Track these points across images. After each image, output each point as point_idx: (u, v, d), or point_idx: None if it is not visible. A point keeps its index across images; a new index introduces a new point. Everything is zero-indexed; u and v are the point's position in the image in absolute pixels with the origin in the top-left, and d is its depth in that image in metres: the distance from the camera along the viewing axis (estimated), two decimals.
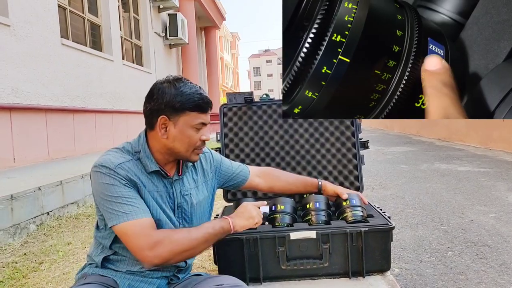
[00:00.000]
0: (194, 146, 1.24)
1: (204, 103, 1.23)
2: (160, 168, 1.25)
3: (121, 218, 1.11)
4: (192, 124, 1.21)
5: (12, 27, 4.69)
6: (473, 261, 2.43)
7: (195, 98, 1.21)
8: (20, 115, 4.73)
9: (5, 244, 2.74)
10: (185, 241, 1.14)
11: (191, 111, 1.20)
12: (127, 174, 1.17)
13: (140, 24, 9.63)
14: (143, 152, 1.24)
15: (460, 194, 4.17)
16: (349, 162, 2.08)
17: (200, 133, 1.23)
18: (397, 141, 10.30)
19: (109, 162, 1.17)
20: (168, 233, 1.15)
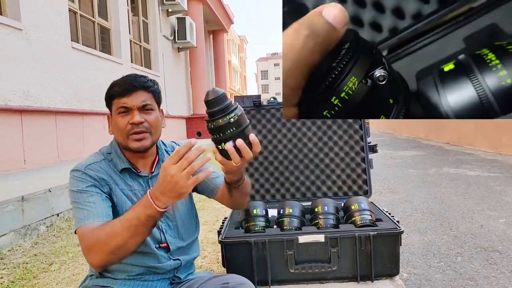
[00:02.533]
0: (125, 131, 1.18)
1: (122, 87, 1.19)
2: (131, 166, 1.24)
3: (77, 224, 1.11)
4: (116, 110, 1.20)
5: (24, 31, 4.76)
6: (483, 266, 2.41)
7: (114, 85, 1.22)
8: (30, 117, 4.79)
9: (16, 245, 2.77)
10: (111, 241, 1.01)
11: (113, 99, 1.21)
12: (97, 173, 1.19)
13: (149, 27, 9.71)
14: (114, 153, 1.26)
15: (469, 199, 4.13)
16: (358, 166, 2.08)
17: (128, 117, 1.18)
18: (406, 145, 10.23)
19: (80, 165, 1.20)
20: (96, 234, 1.04)
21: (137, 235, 1.02)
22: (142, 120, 1.18)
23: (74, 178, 1.18)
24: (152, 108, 1.23)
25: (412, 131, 13.42)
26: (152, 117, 1.22)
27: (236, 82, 45.23)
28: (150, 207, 0.99)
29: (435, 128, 11.19)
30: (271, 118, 2.13)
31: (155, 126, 1.22)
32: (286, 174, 2.10)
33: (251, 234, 1.58)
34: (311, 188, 2.09)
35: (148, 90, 1.22)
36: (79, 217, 1.12)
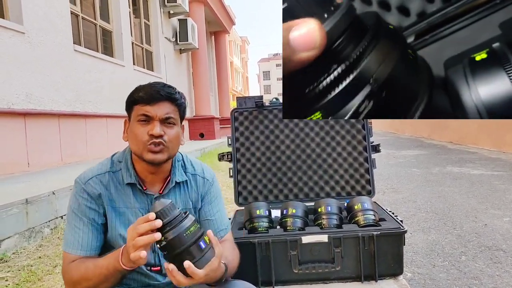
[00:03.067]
0: (142, 141, 1.10)
1: (148, 94, 1.11)
2: (138, 182, 1.17)
3: (64, 245, 1.14)
4: (136, 117, 1.12)
5: (27, 34, 4.78)
6: (487, 265, 2.40)
7: (140, 90, 1.14)
8: (33, 120, 4.81)
9: (21, 247, 2.78)
10: (83, 282, 1.05)
11: (136, 104, 1.13)
12: (94, 190, 1.14)
13: (151, 29, 9.73)
14: (124, 163, 1.19)
15: (473, 197, 4.11)
16: (361, 166, 2.08)
17: (148, 127, 1.11)
18: (409, 144, 10.21)
19: (83, 178, 1.17)
20: (72, 271, 1.08)
21: (106, 282, 1.04)
22: (162, 133, 1.11)
23: (74, 193, 1.16)
24: (174, 122, 1.15)
25: (415, 130, 13.39)
26: (173, 132, 1.14)
27: (238, 83, 45.25)
28: (117, 261, 0.99)
29: (438, 127, 11.17)
30: (273, 119, 2.13)
31: (174, 142, 1.15)
32: (289, 175, 2.10)
33: (254, 235, 1.58)
34: (314, 188, 2.09)
35: (174, 103, 1.15)
36: (65, 238, 1.14)
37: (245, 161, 2.11)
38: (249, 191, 2.08)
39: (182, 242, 0.91)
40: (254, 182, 2.09)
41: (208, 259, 0.94)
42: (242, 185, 2.08)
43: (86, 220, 1.13)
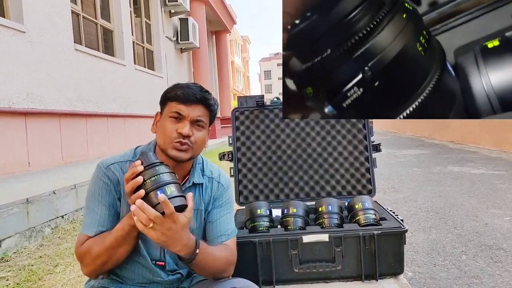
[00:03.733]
0: (170, 137, 1.14)
1: (185, 94, 1.16)
2: None
3: (82, 228, 1.18)
4: (169, 113, 1.17)
5: (27, 34, 4.78)
6: (488, 264, 2.40)
7: (178, 88, 1.18)
8: (34, 119, 4.82)
9: (21, 247, 2.79)
10: (104, 254, 1.09)
11: (171, 101, 1.18)
12: (114, 175, 1.18)
13: (152, 28, 9.73)
14: None
15: (474, 197, 4.11)
16: (361, 165, 2.08)
17: (178, 125, 1.15)
18: (410, 144, 10.21)
19: (105, 162, 1.21)
20: (85, 248, 1.11)
21: (124, 244, 1.09)
22: (191, 134, 1.15)
23: (95, 176, 1.19)
24: (203, 125, 1.20)
25: (416, 130, 13.38)
26: (200, 134, 1.19)
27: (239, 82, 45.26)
28: (131, 218, 1.02)
29: (439, 127, 11.16)
30: (274, 118, 2.13)
31: (199, 144, 1.19)
32: (290, 174, 2.10)
33: (255, 234, 1.58)
34: (315, 187, 2.09)
35: (207, 108, 1.20)
36: (84, 221, 1.18)
37: (246, 161, 2.11)
38: (250, 190, 2.08)
39: (148, 185, 0.99)
40: (255, 181, 2.09)
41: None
42: (243, 184, 2.08)
43: (103, 203, 1.17)
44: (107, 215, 1.16)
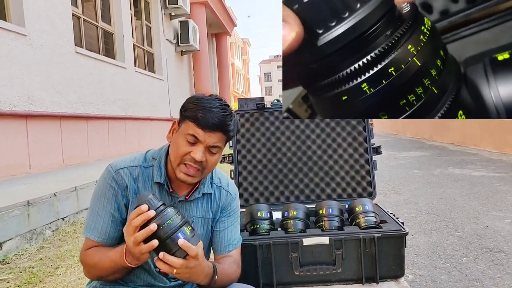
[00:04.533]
0: (181, 157, 1.12)
1: (205, 120, 1.10)
2: (166, 183, 1.19)
3: (85, 228, 1.18)
4: (185, 132, 1.12)
5: (28, 37, 4.80)
6: (488, 267, 2.40)
7: (199, 109, 1.11)
8: (35, 122, 4.83)
9: (22, 249, 2.79)
10: (94, 270, 1.14)
11: (190, 120, 1.12)
12: (123, 180, 1.16)
13: (152, 31, 9.75)
14: (157, 161, 1.20)
15: (474, 199, 4.11)
16: (362, 168, 2.08)
17: (192, 148, 1.12)
18: (410, 146, 10.21)
19: (115, 165, 1.19)
20: (88, 258, 1.14)
21: (116, 274, 1.12)
22: (203, 160, 1.12)
23: (103, 178, 1.18)
24: (218, 151, 1.17)
25: (416, 132, 13.38)
26: (213, 159, 1.16)
27: (240, 84, 45.28)
28: (122, 259, 1.04)
29: (439, 129, 11.16)
30: (274, 121, 2.13)
31: (211, 167, 1.18)
32: (290, 177, 2.10)
33: (255, 237, 1.58)
34: (315, 190, 2.09)
35: (226, 134, 1.15)
36: (88, 222, 1.17)
37: (246, 163, 2.11)
38: (250, 193, 2.08)
39: (164, 232, 0.96)
40: (255, 184, 2.09)
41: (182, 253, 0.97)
42: (243, 187, 2.08)
43: (109, 208, 1.16)
44: (111, 222, 1.16)
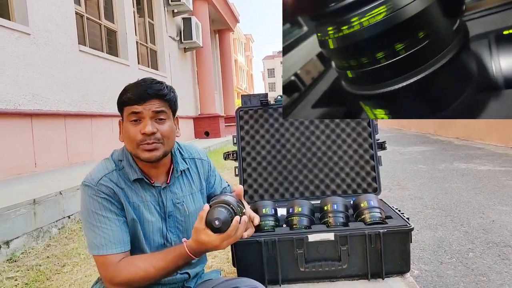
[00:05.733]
0: (136, 141, 1.12)
1: (136, 94, 1.12)
2: (144, 176, 1.18)
3: (93, 249, 1.12)
4: (127, 117, 1.14)
5: (32, 35, 4.81)
6: (495, 262, 2.39)
7: (126, 91, 1.15)
8: (40, 121, 4.85)
9: (29, 247, 2.81)
10: (143, 280, 1.09)
11: (126, 105, 1.15)
12: (109, 189, 1.14)
13: (155, 28, 9.76)
14: (125, 160, 1.19)
15: (480, 194, 4.09)
16: (367, 164, 2.07)
17: (139, 126, 1.12)
18: (415, 141, 10.16)
19: (91, 180, 1.14)
20: (128, 271, 1.09)
21: (168, 274, 1.12)
22: (155, 131, 1.12)
23: (89, 196, 1.13)
24: (166, 117, 1.16)
25: (421, 126, 13.31)
26: (165, 126, 1.15)
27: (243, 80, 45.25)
28: (188, 258, 1.08)
29: (444, 123, 11.09)
30: (278, 117, 2.13)
31: (168, 136, 1.16)
32: (295, 173, 2.10)
33: (260, 234, 1.58)
34: (320, 186, 2.08)
35: (163, 98, 1.16)
36: (95, 242, 1.11)
37: (250, 160, 2.11)
38: (254, 189, 2.08)
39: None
40: (260, 180, 2.09)
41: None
42: (247, 183, 2.08)
43: (112, 217, 1.13)
44: (119, 228, 1.13)
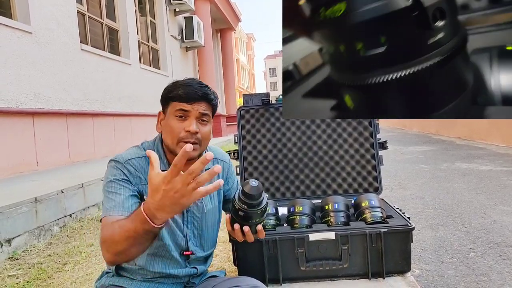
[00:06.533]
0: (178, 137, 1.16)
1: (186, 92, 1.17)
2: None
3: (103, 213, 1.11)
4: (173, 112, 1.18)
5: (34, 34, 4.82)
6: (496, 262, 2.39)
7: (178, 87, 1.19)
8: (42, 119, 4.86)
9: (31, 245, 2.82)
10: (115, 245, 0.98)
11: (174, 100, 1.19)
12: (136, 171, 1.17)
13: (157, 27, 9.76)
14: (155, 151, 1.22)
15: (482, 193, 4.08)
16: (368, 163, 2.07)
17: (184, 123, 1.17)
18: (416, 140, 10.15)
19: (121, 157, 1.19)
20: (109, 232, 1.00)
21: (138, 245, 0.97)
22: (198, 130, 1.17)
23: (113, 167, 1.17)
24: (208, 120, 1.22)
25: (423, 126, 13.30)
26: (206, 129, 1.20)
27: (245, 80, 45.24)
28: (147, 224, 0.92)
29: (446, 123, 11.07)
30: (280, 116, 2.13)
31: (206, 138, 1.21)
32: (296, 172, 2.10)
33: None
34: (321, 185, 2.09)
35: (209, 103, 1.21)
36: (105, 207, 1.11)
37: (251, 159, 2.12)
38: None
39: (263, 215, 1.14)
40: (261, 179, 2.09)
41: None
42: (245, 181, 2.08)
43: (128, 188, 1.14)
44: (131, 198, 1.12)
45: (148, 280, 1.23)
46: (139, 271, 1.22)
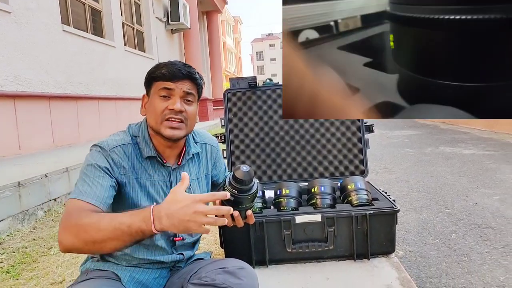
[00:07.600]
0: (161, 115, 1.14)
1: (170, 71, 1.15)
2: (157, 155, 1.20)
3: (73, 194, 1.06)
4: (157, 92, 1.16)
5: (13, 14, 4.66)
6: (476, 243, 2.45)
7: (162, 67, 1.17)
8: (23, 102, 4.74)
9: (15, 230, 2.78)
10: (91, 232, 0.94)
11: (157, 80, 1.17)
12: (120, 160, 1.14)
13: (141, 9, 9.54)
14: (141, 137, 1.21)
15: (464, 177, 4.17)
16: (354, 146, 2.08)
17: (168, 102, 1.15)
18: (402, 125, 10.26)
19: (106, 144, 1.15)
20: (81, 217, 0.97)
21: (118, 241, 0.94)
22: (183, 109, 1.15)
23: (97, 152, 1.13)
24: (193, 100, 1.20)
25: None
26: (191, 108, 1.19)
27: (231, 63, 44.84)
28: (146, 223, 0.92)
29: None
30: (267, 100, 2.12)
31: (191, 118, 1.20)
32: (283, 155, 2.10)
33: None
34: (308, 169, 2.10)
35: (194, 82, 1.19)
36: (80, 189, 1.07)
37: (238, 142, 2.11)
38: None
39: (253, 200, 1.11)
40: (248, 163, 2.09)
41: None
42: (235, 166, 2.08)
43: (107, 177, 1.10)
44: (107, 189, 1.09)
45: (133, 266, 1.22)
46: (123, 257, 1.20)
